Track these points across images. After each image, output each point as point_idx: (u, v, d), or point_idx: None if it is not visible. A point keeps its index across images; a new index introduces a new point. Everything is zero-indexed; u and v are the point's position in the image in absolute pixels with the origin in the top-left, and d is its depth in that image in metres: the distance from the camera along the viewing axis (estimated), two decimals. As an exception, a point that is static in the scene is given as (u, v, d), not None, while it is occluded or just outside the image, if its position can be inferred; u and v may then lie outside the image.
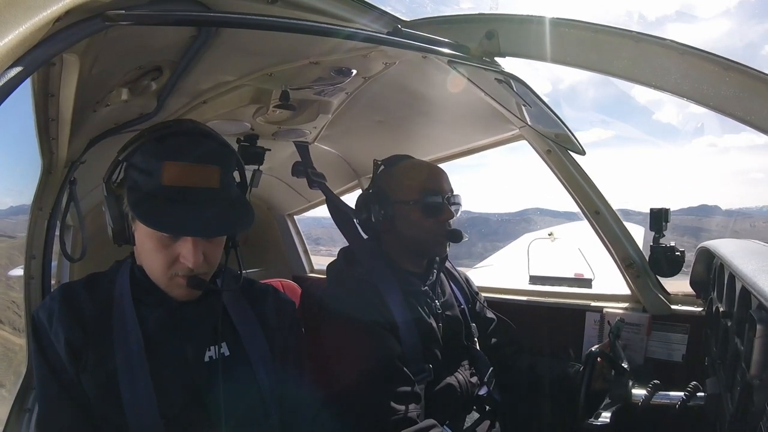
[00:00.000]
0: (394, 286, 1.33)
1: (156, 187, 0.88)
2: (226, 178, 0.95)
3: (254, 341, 1.07)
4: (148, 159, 0.90)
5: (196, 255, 0.91)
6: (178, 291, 0.97)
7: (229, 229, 0.97)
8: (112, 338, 0.94)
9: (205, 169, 0.91)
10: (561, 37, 1.03)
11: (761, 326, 0.83)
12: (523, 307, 1.92)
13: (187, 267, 0.93)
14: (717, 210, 62.97)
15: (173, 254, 0.93)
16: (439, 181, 1.40)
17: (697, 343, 1.58)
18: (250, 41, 1.12)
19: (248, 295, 1.14)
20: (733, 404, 0.98)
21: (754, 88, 0.84)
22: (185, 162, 0.89)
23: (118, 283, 1.01)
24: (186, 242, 0.92)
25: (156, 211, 0.87)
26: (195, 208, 0.89)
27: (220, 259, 1.01)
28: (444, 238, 1.39)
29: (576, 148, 1.54)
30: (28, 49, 0.53)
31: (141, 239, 0.95)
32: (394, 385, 1.21)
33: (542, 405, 1.55)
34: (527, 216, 57.29)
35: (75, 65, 0.88)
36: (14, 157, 2.00)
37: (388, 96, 1.59)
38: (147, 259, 0.97)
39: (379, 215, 1.38)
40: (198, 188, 0.90)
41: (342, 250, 1.51)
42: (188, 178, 0.89)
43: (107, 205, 0.95)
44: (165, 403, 0.93)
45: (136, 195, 0.89)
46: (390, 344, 1.25)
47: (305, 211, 2.95)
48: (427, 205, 1.35)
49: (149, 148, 0.91)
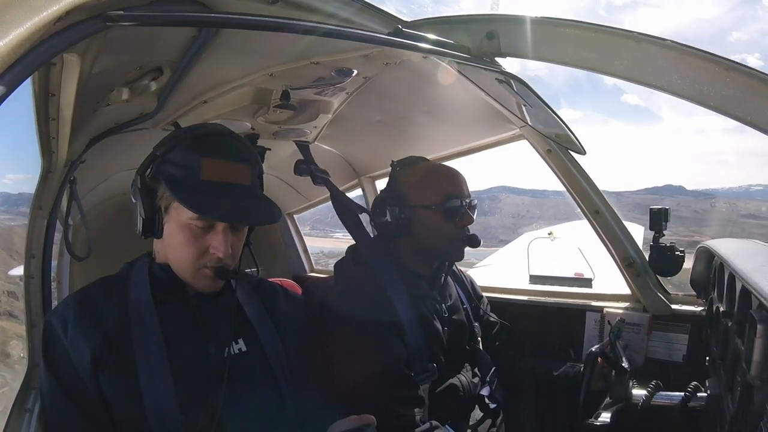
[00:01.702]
0: (401, 288, 1.32)
1: (195, 181, 0.94)
2: (254, 176, 1.03)
3: (269, 336, 1.10)
4: (187, 155, 0.96)
5: (226, 245, 0.97)
6: (204, 282, 1.01)
7: (265, 219, 1.03)
8: (132, 340, 0.95)
9: (238, 166, 0.99)
10: (561, 37, 1.03)
11: (761, 326, 0.83)
12: (523, 307, 1.92)
13: (216, 257, 0.97)
14: (681, 190, 62.81)
15: (203, 246, 0.97)
16: (460, 185, 1.39)
17: (698, 343, 1.58)
18: (251, 41, 1.12)
19: (259, 293, 1.17)
20: (733, 404, 0.98)
21: (754, 88, 0.84)
22: (221, 159, 0.97)
23: (133, 284, 1.02)
24: (217, 234, 0.97)
25: (202, 199, 0.93)
26: (231, 199, 0.96)
27: (240, 252, 1.06)
28: (463, 243, 1.39)
29: (576, 147, 1.54)
30: (29, 49, 0.53)
31: (171, 231, 0.98)
32: (398, 389, 1.21)
33: (543, 405, 1.56)
34: (493, 194, 57.38)
35: (75, 65, 0.88)
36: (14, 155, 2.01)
37: (389, 96, 1.59)
38: (175, 251, 0.99)
39: (398, 218, 1.36)
40: (232, 184, 0.97)
41: (350, 249, 1.50)
42: (224, 173, 0.96)
43: (140, 196, 0.98)
44: (185, 399, 0.94)
45: (177, 187, 0.94)
46: (395, 347, 1.25)
47: (305, 210, 2.95)
48: (447, 210, 1.34)
49: (188, 145, 0.97)
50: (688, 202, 40.28)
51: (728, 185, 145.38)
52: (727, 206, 31.48)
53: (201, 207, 0.93)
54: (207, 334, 1.02)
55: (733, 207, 34.39)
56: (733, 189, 73.36)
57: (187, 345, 0.99)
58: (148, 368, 0.93)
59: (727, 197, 49.53)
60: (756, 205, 39.02)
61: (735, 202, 40.35)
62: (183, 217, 0.95)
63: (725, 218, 9.21)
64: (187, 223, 0.95)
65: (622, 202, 23.41)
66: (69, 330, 0.93)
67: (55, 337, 0.94)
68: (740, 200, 43.26)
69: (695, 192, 62.72)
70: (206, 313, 1.04)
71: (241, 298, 1.11)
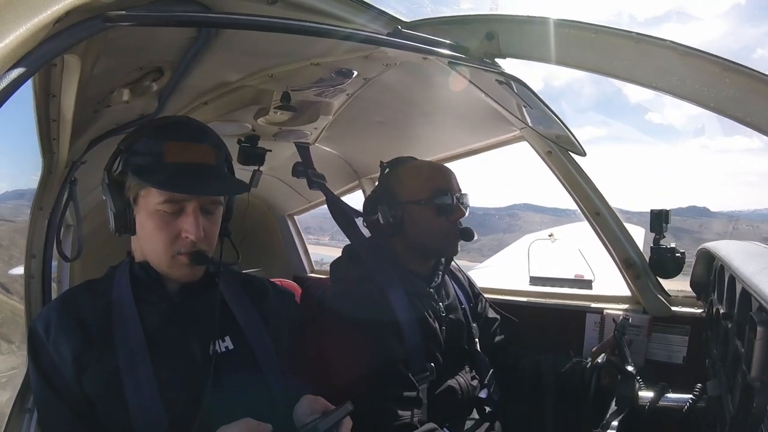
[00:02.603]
0: (397, 286, 1.32)
1: (159, 165, 0.95)
2: (219, 157, 1.02)
3: (257, 334, 1.08)
4: (150, 142, 0.97)
5: (198, 227, 0.96)
6: (181, 271, 1.00)
7: (229, 190, 1.05)
8: (114, 339, 0.95)
9: (200, 147, 0.99)
10: (561, 37, 1.03)
11: (762, 328, 0.83)
12: (523, 309, 1.92)
13: (189, 241, 0.97)
14: (705, 211, 63.12)
15: (175, 230, 0.97)
16: (449, 179, 1.39)
17: (698, 344, 1.57)
18: (251, 42, 1.12)
19: (248, 291, 1.15)
20: (733, 406, 0.97)
21: (754, 90, 0.83)
22: (183, 141, 0.97)
23: (116, 285, 1.02)
24: (188, 216, 0.96)
25: (161, 176, 0.94)
26: (198, 177, 0.97)
27: (216, 238, 1.05)
28: (456, 237, 1.39)
29: (576, 149, 1.54)
30: (29, 50, 0.53)
31: (142, 222, 0.98)
32: (395, 390, 1.20)
33: (544, 406, 1.55)
34: (512, 211, 57.27)
35: (76, 66, 0.88)
36: (15, 156, 2.01)
37: (389, 97, 1.59)
38: (148, 241, 0.99)
39: (389, 216, 1.36)
40: (196, 163, 0.97)
41: (346, 248, 1.49)
42: (187, 154, 0.97)
43: (109, 191, 0.99)
44: (169, 399, 0.93)
45: (143, 172, 0.95)
46: (392, 347, 1.24)
47: (305, 212, 2.95)
48: (437, 204, 1.34)
49: (150, 134, 0.98)
50: (710, 223, 40.18)
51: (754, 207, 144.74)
52: (749, 228, 31.51)
53: (165, 183, 0.93)
54: (190, 331, 1.01)
55: (756, 230, 34.44)
56: (759, 211, 73.11)
57: (171, 343, 0.98)
58: (131, 367, 0.93)
59: (751, 219, 49.35)
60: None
61: (759, 225, 40.44)
62: (151, 204, 0.95)
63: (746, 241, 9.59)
64: (156, 209, 0.95)
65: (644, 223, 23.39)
66: (51, 332, 0.94)
67: (39, 340, 0.94)
68: (764, 223, 43.21)
69: (720, 214, 62.50)
70: (189, 310, 1.03)
71: (229, 295, 1.09)
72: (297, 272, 2.94)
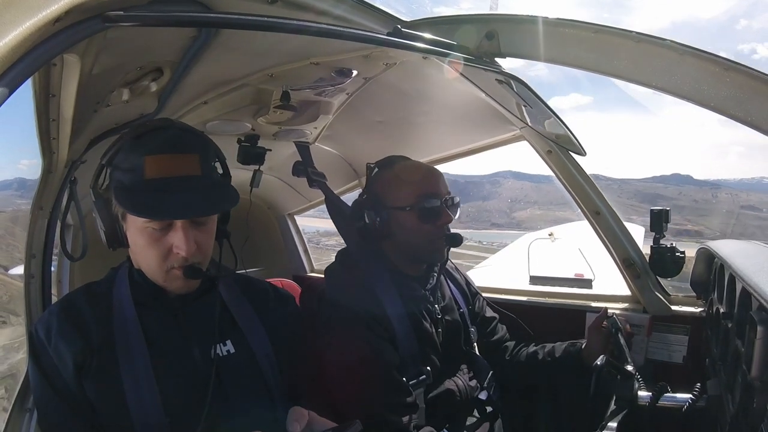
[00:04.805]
0: (392, 290, 1.30)
1: (140, 182, 0.91)
2: (206, 164, 0.97)
3: (258, 337, 1.08)
4: (129, 157, 0.93)
5: (188, 242, 0.93)
6: (176, 284, 0.99)
7: (211, 208, 0.98)
8: (115, 345, 0.95)
9: (184, 157, 0.94)
10: (561, 37, 1.03)
11: (762, 327, 0.83)
12: (523, 308, 1.92)
13: (181, 256, 0.94)
14: (689, 179, 62.83)
15: (166, 246, 0.94)
16: (436, 183, 1.35)
17: (698, 344, 1.57)
18: (251, 42, 1.12)
19: (248, 293, 1.15)
20: (734, 405, 0.98)
21: (754, 89, 0.84)
22: (164, 153, 0.92)
23: (116, 289, 1.02)
24: (177, 232, 0.93)
25: (140, 200, 0.90)
26: (178, 194, 0.91)
27: (212, 247, 1.03)
28: (442, 243, 1.36)
29: (577, 148, 1.54)
30: (29, 49, 0.53)
31: (133, 238, 0.97)
32: (390, 396, 1.19)
33: (544, 406, 1.55)
34: (495, 179, 57.24)
35: (76, 66, 0.88)
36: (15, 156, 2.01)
37: (389, 96, 1.59)
38: (142, 257, 0.98)
39: (375, 221, 1.33)
40: (180, 177, 0.92)
41: (339, 253, 1.47)
42: (169, 168, 0.92)
43: (96, 209, 0.97)
44: (170, 403, 0.93)
45: (123, 192, 0.92)
46: (387, 353, 1.23)
47: (305, 211, 2.95)
48: (424, 210, 1.30)
49: (128, 147, 0.94)
50: (691, 191, 39.98)
51: (740, 176, 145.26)
52: (728, 197, 31.49)
53: (144, 209, 0.90)
54: (191, 336, 1.00)
55: (735, 198, 34.40)
56: (745, 180, 72.71)
57: (171, 348, 0.98)
58: (132, 372, 0.93)
59: (736, 188, 49.20)
60: (759, 198, 38.74)
61: (738, 194, 40.24)
62: (138, 221, 0.93)
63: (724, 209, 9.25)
64: (144, 227, 0.93)
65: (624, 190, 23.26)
66: (52, 338, 0.94)
67: (41, 345, 0.94)
68: (745, 192, 43.00)
69: (703, 182, 62.23)
70: (189, 314, 1.02)
71: (229, 299, 1.09)
72: (297, 271, 2.94)
